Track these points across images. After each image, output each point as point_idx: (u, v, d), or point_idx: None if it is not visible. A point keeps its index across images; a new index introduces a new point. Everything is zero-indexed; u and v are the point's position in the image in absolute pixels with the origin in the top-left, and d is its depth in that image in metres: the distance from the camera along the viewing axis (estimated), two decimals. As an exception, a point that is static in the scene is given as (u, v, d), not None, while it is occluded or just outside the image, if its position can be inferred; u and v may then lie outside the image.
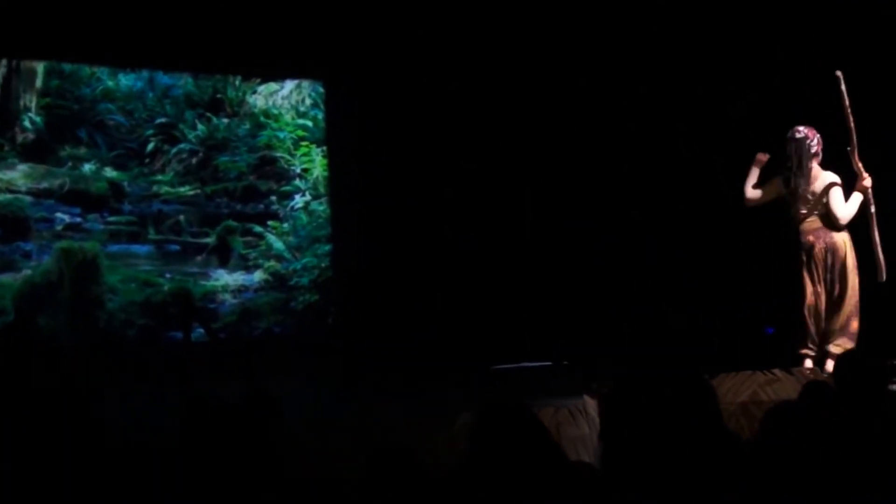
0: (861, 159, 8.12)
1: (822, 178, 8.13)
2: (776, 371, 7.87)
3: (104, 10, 10.57)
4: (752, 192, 8.40)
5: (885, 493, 2.84)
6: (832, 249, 8.14)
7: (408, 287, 11.74)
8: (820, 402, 4.60)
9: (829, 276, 8.16)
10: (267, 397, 4.82)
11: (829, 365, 8.01)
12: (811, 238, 8.18)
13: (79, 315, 10.75)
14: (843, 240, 8.16)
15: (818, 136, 8.15)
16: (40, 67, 10.86)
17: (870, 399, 4.55)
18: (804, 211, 8.18)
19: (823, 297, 8.21)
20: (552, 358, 10.83)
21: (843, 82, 8.01)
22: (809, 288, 8.22)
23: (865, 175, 8.11)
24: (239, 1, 11.15)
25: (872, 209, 8.17)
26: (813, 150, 8.12)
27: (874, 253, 8.16)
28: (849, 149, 8.07)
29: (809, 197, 8.14)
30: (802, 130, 8.11)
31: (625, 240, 11.54)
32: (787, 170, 8.19)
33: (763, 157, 8.41)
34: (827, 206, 8.11)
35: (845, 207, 8.09)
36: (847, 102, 8.01)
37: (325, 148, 12.11)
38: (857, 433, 3.24)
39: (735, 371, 7.79)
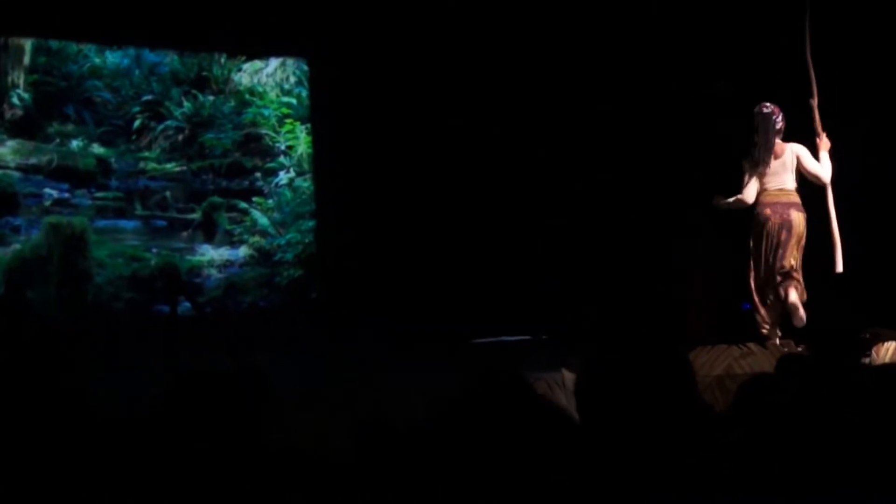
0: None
1: (789, 148, 8.26)
2: (751, 345, 8.01)
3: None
4: (749, 195, 8.42)
5: (858, 465, 2.85)
6: (787, 226, 8.19)
7: (390, 262, 11.82)
8: (794, 375, 4.63)
9: (780, 251, 8.21)
10: (255, 369, 4.90)
11: (791, 295, 8.11)
12: (768, 211, 8.24)
13: (67, 288, 10.85)
14: (798, 218, 8.22)
15: (782, 113, 8.30)
16: (28, 44, 10.92)
17: (843, 372, 4.57)
18: (770, 184, 8.28)
19: (767, 270, 8.28)
20: (532, 332, 11.00)
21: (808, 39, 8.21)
22: (757, 260, 8.33)
23: (823, 134, 8.24)
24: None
25: (831, 201, 8.25)
26: (778, 126, 8.27)
27: (832, 243, 8.22)
28: (811, 101, 8.24)
29: (778, 169, 8.25)
30: (769, 106, 8.28)
31: (605, 216, 11.64)
32: (752, 144, 8.32)
33: (718, 199, 8.53)
34: (806, 172, 8.21)
35: (823, 166, 8.21)
36: (809, 55, 8.23)
37: (309, 125, 12.20)
38: (831, 406, 3.26)
39: (710, 345, 7.92)
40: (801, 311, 8.13)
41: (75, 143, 11.06)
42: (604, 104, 11.50)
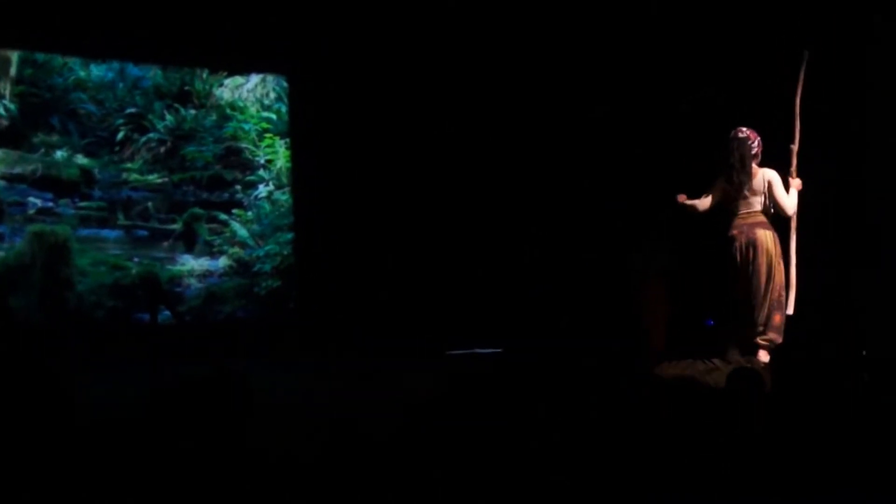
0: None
1: (762, 174, 8.45)
2: (715, 360, 8.05)
3: (77, 2, 10.78)
4: (703, 205, 8.64)
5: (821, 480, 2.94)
6: (753, 244, 8.36)
7: (366, 274, 12.01)
8: (746, 389, 4.75)
9: (749, 268, 8.37)
10: (236, 375, 5.00)
11: (762, 356, 8.23)
12: (735, 232, 8.44)
13: (49, 296, 10.93)
14: (765, 236, 8.39)
15: (758, 138, 8.48)
16: (14, 56, 11.02)
17: (814, 396, 4.53)
18: (740, 208, 8.47)
19: (743, 292, 8.42)
20: (503, 345, 11.12)
21: (800, 87, 8.39)
22: (731, 281, 8.48)
23: (796, 177, 8.42)
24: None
25: (793, 241, 8.43)
26: (753, 151, 8.46)
27: (787, 284, 8.36)
28: (791, 146, 8.42)
29: (748, 193, 8.43)
30: (745, 131, 8.45)
31: (572, 233, 11.77)
32: (728, 167, 8.47)
33: (682, 197, 8.66)
34: (773, 199, 8.39)
35: (790, 199, 8.39)
36: (798, 103, 8.39)
37: (288, 140, 12.33)
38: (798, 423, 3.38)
39: (676, 360, 8.06)
40: (781, 335, 8.34)
41: (60, 154, 11.15)
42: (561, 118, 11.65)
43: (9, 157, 10.93)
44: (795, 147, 8.42)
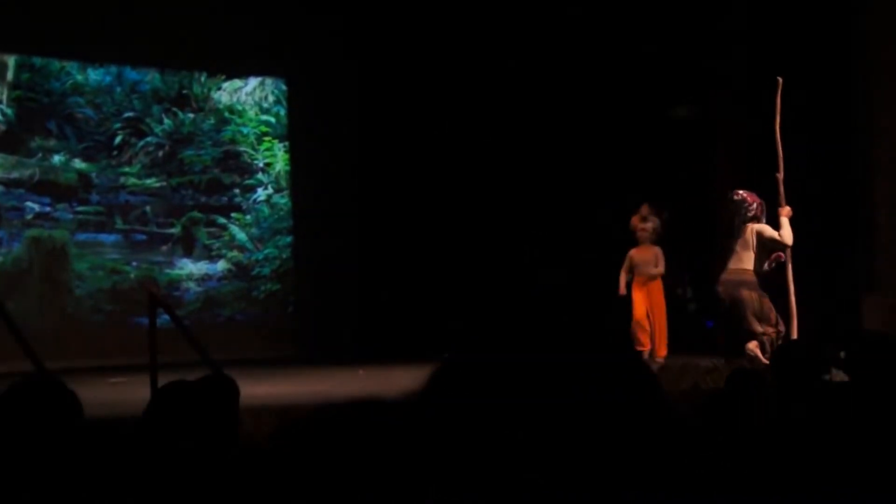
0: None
1: (749, 228, 8.43)
2: (716, 361, 8.25)
3: (74, 6, 10.78)
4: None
5: (817, 479, 2.93)
6: (737, 304, 8.36)
7: (363, 278, 12.04)
8: (746, 390, 4.75)
9: (743, 324, 8.38)
10: (226, 379, 5.00)
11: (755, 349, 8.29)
12: (721, 289, 8.45)
13: (48, 301, 10.94)
14: (749, 296, 8.35)
15: (757, 201, 8.45)
16: (11, 61, 11.03)
17: (804, 389, 4.49)
18: (730, 262, 8.46)
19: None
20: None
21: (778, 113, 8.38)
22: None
23: (785, 205, 8.41)
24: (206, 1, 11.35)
25: (790, 275, 8.44)
26: (750, 214, 8.41)
27: (790, 313, 8.40)
28: (777, 175, 8.42)
29: (738, 249, 8.44)
30: (740, 193, 8.44)
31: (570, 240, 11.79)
32: (727, 225, 8.56)
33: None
34: (770, 244, 8.38)
35: (783, 231, 8.37)
36: (779, 133, 8.39)
37: (287, 143, 12.34)
38: (790, 421, 3.34)
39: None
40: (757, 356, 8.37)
41: (57, 158, 11.16)
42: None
43: (6, 161, 10.94)
44: (781, 175, 8.43)
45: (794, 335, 8.34)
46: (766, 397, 4.69)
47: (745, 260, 8.46)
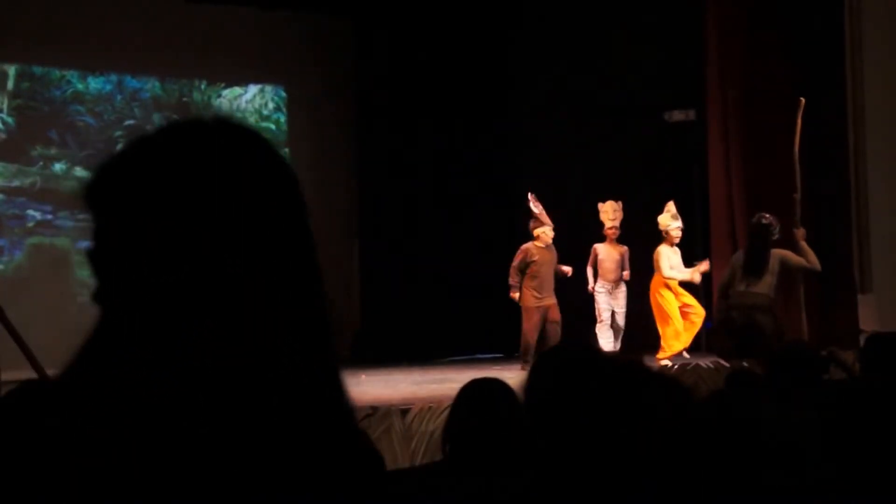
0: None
1: (772, 255, 8.40)
2: (715, 361, 8.32)
3: (74, 15, 10.82)
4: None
5: (815, 481, 2.95)
6: (752, 329, 8.32)
7: (364, 282, 12.13)
8: (745, 390, 4.77)
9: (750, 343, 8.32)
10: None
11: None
12: (735, 314, 8.42)
13: (50, 309, 10.75)
14: (764, 320, 8.34)
15: (779, 224, 8.39)
16: (12, 70, 11.05)
17: (803, 389, 4.52)
18: (745, 285, 8.43)
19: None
20: (504, 349, 11.18)
21: (798, 140, 8.41)
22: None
23: (800, 227, 8.46)
24: (205, 9, 11.39)
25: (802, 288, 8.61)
26: (775, 237, 8.40)
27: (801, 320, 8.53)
28: (794, 195, 8.44)
29: (757, 272, 8.40)
30: (768, 217, 8.36)
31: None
32: (748, 251, 8.53)
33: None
34: (797, 269, 8.46)
35: (808, 256, 8.39)
36: (797, 153, 8.44)
37: (287, 150, 12.26)
38: (791, 422, 3.38)
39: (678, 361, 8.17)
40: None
41: (58, 167, 11.17)
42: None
43: (7, 170, 10.96)
44: (798, 195, 8.44)
45: (805, 337, 8.43)
46: (766, 397, 4.72)
47: (764, 284, 8.41)
